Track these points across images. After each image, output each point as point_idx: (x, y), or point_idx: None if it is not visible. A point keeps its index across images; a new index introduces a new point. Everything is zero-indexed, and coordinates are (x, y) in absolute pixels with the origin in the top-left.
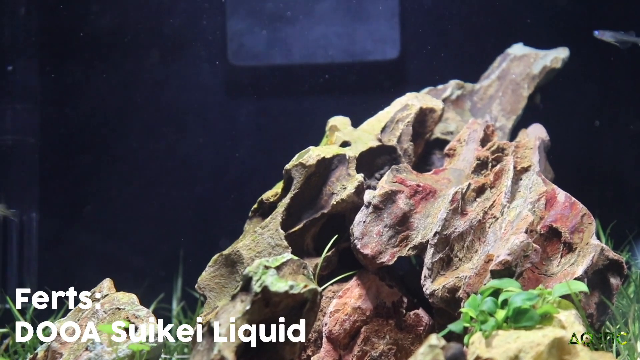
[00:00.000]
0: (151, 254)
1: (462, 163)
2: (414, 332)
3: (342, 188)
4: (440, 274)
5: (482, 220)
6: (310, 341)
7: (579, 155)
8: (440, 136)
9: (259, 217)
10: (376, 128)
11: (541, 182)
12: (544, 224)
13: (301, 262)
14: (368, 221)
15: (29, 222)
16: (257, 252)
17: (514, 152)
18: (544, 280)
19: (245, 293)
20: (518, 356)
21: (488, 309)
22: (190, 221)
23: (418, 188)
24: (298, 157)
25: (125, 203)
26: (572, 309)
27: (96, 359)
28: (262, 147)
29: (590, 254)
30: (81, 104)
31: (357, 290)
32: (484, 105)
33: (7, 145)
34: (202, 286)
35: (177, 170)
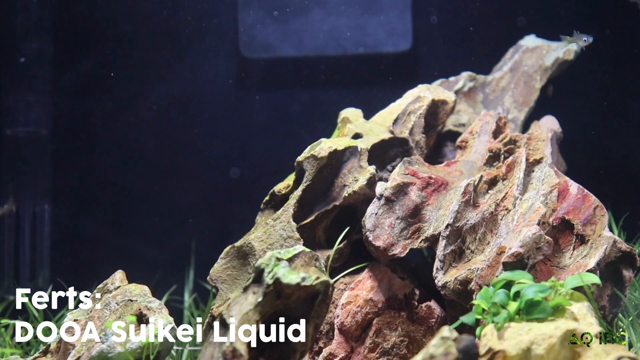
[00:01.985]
0: (163, 246)
1: (474, 155)
2: (425, 324)
3: (354, 180)
4: (452, 266)
5: (494, 212)
6: (322, 333)
7: (592, 147)
8: (452, 128)
9: (270, 209)
10: (388, 120)
11: (553, 174)
12: (557, 216)
13: (313, 254)
14: (380, 213)
15: (41, 213)
16: (269, 244)
17: (526, 144)
18: (556, 273)
19: (257, 285)
20: (530, 348)
21: (500, 301)
22: (202, 213)
23: (430, 180)
24: (310, 149)
25: (138, 195)
26: (585, 301)
27: (109, 350)
28: (274, 139)
29: (603, 246)
30: (94, 96)
31: (369, 282)
32: (496, 97)
33: (19, 137)
34: (213, 278)
35: (188, 162)
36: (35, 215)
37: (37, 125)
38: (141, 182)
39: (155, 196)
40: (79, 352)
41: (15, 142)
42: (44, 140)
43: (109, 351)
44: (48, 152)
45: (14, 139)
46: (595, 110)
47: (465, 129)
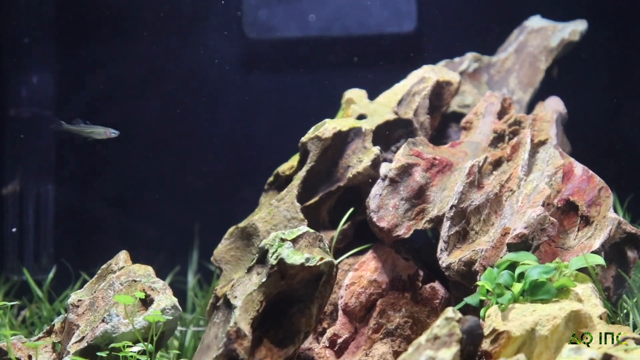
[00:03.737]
0: (167, 227)
1: (479, 136)
2: (429, 305)
3: (358, 161)
4: (456, 247)
5: (499, 193)
6: (326, 314)
7: (597, 128)
8: (456, 109)
9: (274, 190)
10: (392, 101)
11: (558, 155)
12: (561, 197)
13: (317, 235)
14: (384, 194)
15: (45, 194)
16: (273, 225)
17: (531, 125)
18: (561, 254)
19: (261, 266)
20: (534, 329)
21: (504, 282)
22: (206, 194)
23: (434, 161)
24: (314, 130)
25: (142, 175)
26: (589, 282)
27: (113, 330)
28: (278, 119)
29: (608, 227)
30: (97, 76)
31: (373, 263)
32: (501, 78)
33: (23, 117)
34: (217, 259)
35: (193, 143)
36: (39, 195)
37: (41, 105)
38: (145, 163)
39: (159, 177)
40: (83, 332)
41: (19, 123)
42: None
43: (113, 331)
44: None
45: (18, 120)
46: (601, 91)
47: (469, 110)
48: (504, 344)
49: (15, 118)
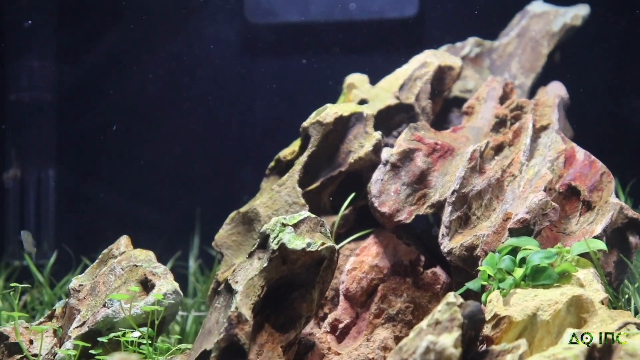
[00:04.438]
0: (168, 212)
1: (481, 121)
2: (431, 290)
3: (360, 146)
4: (458, 232)
5: (501, 178)
6: (328, 299)
7: (599, 113)
8: (458, 94)
9: (276, 175)
10: (394, 86)
11: (560, 140)
12: (563, 182)
13: (318, 220)
14: (385, 179)
15: (45, 179)
16: (274, 210)
17: (533, 110)
18: (563, 239)
19: (262, 250)
20: (536, 314)
21: (506, 267)
22: (208, 179)
23: (436, 146)
24: (315, 115)
25: (143, 160)
26: (591, 267)
27: (114, 315)
28: (279, 104)
29: (609, 212)
30: (98, 60)
31: (374, 248)
32: (502, 63)
33: (24, 102)
34: (219, 244)
35: (194, 128)
36: (39, 180)
37: (42, 90)
38: (146, 147)
39: (160, 162)
40: (84, 317)
41: (20, 108)
42: (49, 106)
43: (114, 316)
44: (52, 117)
45: (19, 104)
46: (603, 76)
47: (471, 95)
48: (506, 329)
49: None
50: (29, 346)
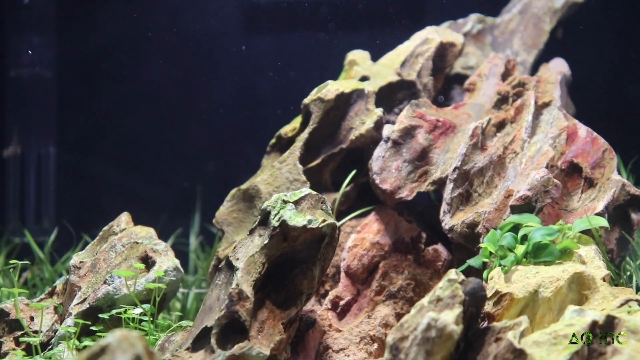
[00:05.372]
0: (169, 188)
1: (483, 98)
2: (432, 267)
3: (361, 123)
4: (459, 209)
5: (502, 155)
6: (329, 276)
7: (601, 89)
8: (460, 71)
9: (276, 151)
10: (395, 62)
11: (562, 117)
12: (565, 159)
13: (319, 197)
14: (387, 156)
15: (46, 156)
16: (275, 187)
17: (535, 87)
18: (564, 216)
19: (263, 227)
20: (537, 291)
21: (507, 244)
22: (208, 155)
23: (437, 123)
24: (316, 92)
25: (143, 137)
26: (592, 244)
27: (114, 292)
28: (280, 81)
29: (611, 189)
30: (98, 36)
31: (375, 225)
32: (504, 40)
33: (24, 78)
34: (219, 221)
35: (195, 104)
36: (40, 157)
37: (42, 66)
38: (147, 124)
39: (161, 138)
40: (84, 294)
41: (20, 84)
42: (49, 82)
43: (115, 293)
44: (53, 93)
45: (19, 81)
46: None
47: (473, 72)
48: (507, 306)
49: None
50: (29, 323)
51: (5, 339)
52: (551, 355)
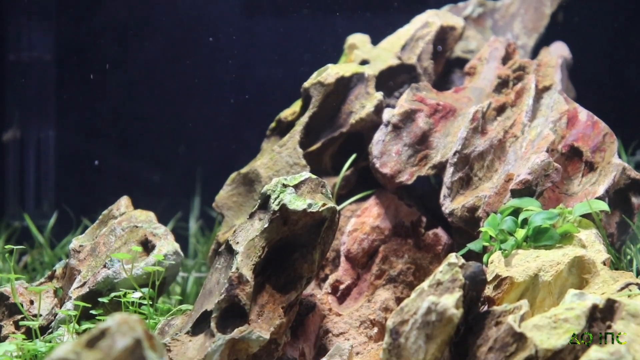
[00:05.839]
0: (169, 172)
1: (483, 82)
2: (432, 251)
3: (361, 107)
4: (459, 193)
5: (503, 139)
6: (329, 260)
7: (602, 73)
8: (460, 55)
9: (276, 135)
10: (396, 46)
11: (563, 100)
12: (565, 143)
13: (319, 181)
14: (387, 140)
15: (45, 140)
16: (275, 171)
17: (535, 71)
18: (565, 200)
19: (263, 211)
20: (538, 275)
21: (508, 228)
22: (208, 139)
23: (438, 107)
24: (316, 75)
25: (143, 120)
26: (593, 228)
27: (114, 276)
28: (280, 64)
29: (612, 173)
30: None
31: (375, 209)
32: (505, 23)
33: (23, 62)
34: (219, 205)
35: (195, 88)
36: (39, 141)
37: (41, 50)
38: (147, 107)
39: (160, 122)
40: (84, 278)
41: (19, 68)
42: (48, 66)
43: (115, 277)
44: (52, 77)
45: (18, 65)
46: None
47: (473, 56)
48: (507, 290)
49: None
50: (29, 306)
51: (5, 323)
52: (551, 339)
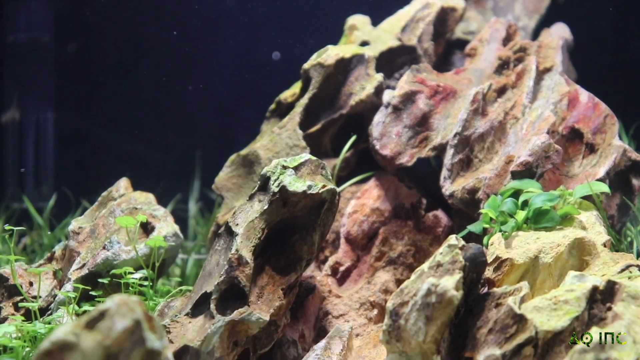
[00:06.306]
0: (168, 154)
1: (483, 63)
2: (432, 233)
3: (361, 88)
4: (459, 175)
5: (503, 120)
6: (328, 242)
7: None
8: (461, 36)
9: (276, 117)
10: (396, 27)
11: (564, 82)
12: (566, 125)
13: (319, 163)
14: (387, 122)
15: (44, 121)
16: (275, 153)
17: (536, 52)
18: (565, 182)
19: (263, 193)
20: (538, 257)
21: (508, 209)
22: (208, 121)
23: (438, 88)
24: (316, 57)
25: (142, 102)
26: (593, 210)
27: (113, 257)
28: (280, 46)
29: (613, 155)
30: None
31: (375, 191)
32: (506, 5)
33: (21, 43)
34: (219, 186)
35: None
36: (38, 122)
37: (39, 31)
38: (146, 88)
39: (160, 103)
40: (83, 259)
41: (17, 49)
42: (47, 46)
43: (114, 258)
44: (51, 58)
45: (16, 46)
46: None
47: (474, 37)
48: (507, 272)
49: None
50: (28, 288)
51: (5, 304)
52: (551, 321)
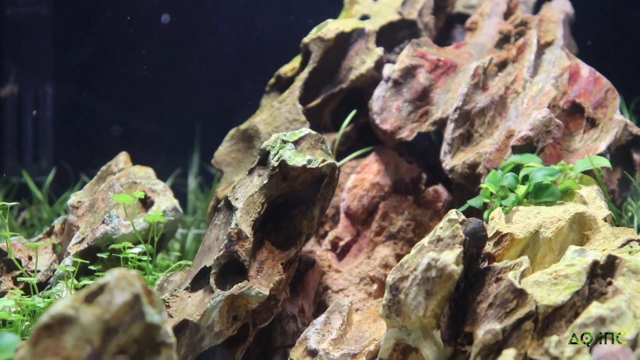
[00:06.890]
0: (168, 128)
1: (484, 37)
2: (432, 207)
3: (361, 62)
4: (460, 150)
5: (504, 95)
6: (328, 217)
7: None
8: (461, 10)
9: (276, 91)
10: (396, 1)
11: (565, 56)
12: (567, 99)
13: (319, 137)
14: (387, 96)
15: (43, 95)
16: (275, 127)
17: (537, 26)
18: (566, 156)
19: (262, 167)
20: (538, 231)
21: (508, 184)
22: (207, 95)
23: (439, 62)
24: (316, 31)
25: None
26: (594, 184)
27: (113, 232)
28: (280, 20)
29: (614, 129)
30: None
31: (375, 166)
32: None
33: (20, 17)
34: (218, 161)
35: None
36: (37, 97)
37: (38, 4)
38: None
39: (159, 78)
40: (83, 234)
41: (16, 23)
42: (45, 20)
43: (113, 233)
44: (49, 32)
45: (15, 19)
46: None
47: (475, 11)
48: (508, 246)
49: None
50: (27, 262)
51: (4, 279)
52: (552, 295)
